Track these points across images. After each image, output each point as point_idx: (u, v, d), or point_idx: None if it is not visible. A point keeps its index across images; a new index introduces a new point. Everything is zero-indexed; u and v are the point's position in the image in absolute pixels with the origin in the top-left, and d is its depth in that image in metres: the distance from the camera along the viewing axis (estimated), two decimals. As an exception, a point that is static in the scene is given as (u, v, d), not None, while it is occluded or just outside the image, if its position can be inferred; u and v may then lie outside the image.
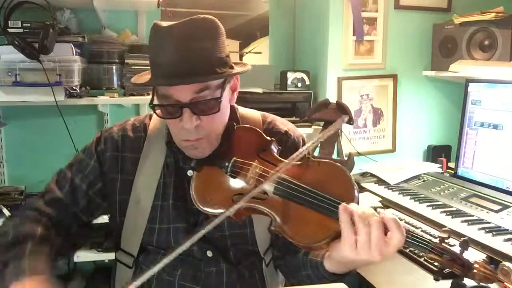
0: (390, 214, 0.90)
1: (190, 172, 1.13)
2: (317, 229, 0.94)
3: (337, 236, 0.92)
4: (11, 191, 2.00)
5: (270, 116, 1.25)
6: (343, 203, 0.90)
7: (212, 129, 1.05)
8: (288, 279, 1.26)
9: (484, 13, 2.14)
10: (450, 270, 0.90)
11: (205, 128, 1.03)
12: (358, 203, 0.93)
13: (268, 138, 1.10)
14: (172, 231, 1.12)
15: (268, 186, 0.99)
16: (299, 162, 1.03)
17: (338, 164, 1.01)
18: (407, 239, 0.89)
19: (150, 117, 1.21)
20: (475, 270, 0.88)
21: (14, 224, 1.07)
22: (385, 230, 0.87)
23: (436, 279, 0.90)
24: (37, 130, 2.17)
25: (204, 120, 1.01)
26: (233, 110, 1.16)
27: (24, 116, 2.14)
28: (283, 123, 1.23)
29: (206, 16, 1.00)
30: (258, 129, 1.13)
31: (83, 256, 2.05)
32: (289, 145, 1.19)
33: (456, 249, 0.91)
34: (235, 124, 1.13)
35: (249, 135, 1.12)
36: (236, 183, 1.04)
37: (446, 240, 0.90)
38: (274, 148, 1.08)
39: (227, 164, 1.04)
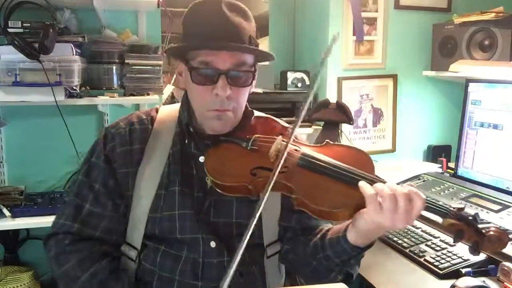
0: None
1: (202, 158, 1.14)
2: (339, 196, 0.99)
3: (358, 205, 0.97)
4: (11, 191, 2.00)
5: (278, 120, 1.28)
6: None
7: (239, 102, 1.11)
8: (298, 272, 1.26)
9: (484, 13, 2.14)
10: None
11: (234, 100, 1.08)
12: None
13: (285, 125, 1.18)
14: (177, 217, 1.12)
15: (292, 158, 1.05)
16: (320, 145, 1.12)
17: (357, 147, 1.12)
18: (428, 205, 0.97)
19: (157, 110, 1.24)
20: (491, 233, 0.94)
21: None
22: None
23: (455, 241, 0.97)
24: (37, 130, 2.16)
25: (235, 91, 1.07)
26: (246, 105, 1.19)
27: (24, 116, 2.14)
28: (290, 127, 1.26)
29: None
30: (274, 118, 1.22)
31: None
32: None
33: None
34: (253, 112, 1.20)
35: (267, 121, 1.20)
36: (256, 157, 1.07)
37: (461, 211, 0.98)
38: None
39: (247, 140, 1.10)
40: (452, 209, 0.98)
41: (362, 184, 0.96)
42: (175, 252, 1.13)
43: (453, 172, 2.05)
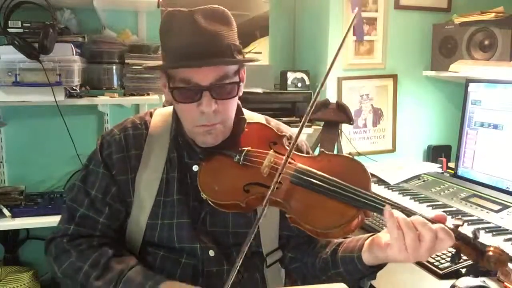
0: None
1: (195, 167, 1.12)
2: (334, 215, 0.95)
3: (353, 222, 0.94)
4: (11, 191, 2.00)
5: (274, 120, 1.26)
6: (387, 208, 0.91)
7: (227, 114, 1.07)
8: (304, 281, 1.23)
9: (484, 13, 2.14)
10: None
11: (221, 113, 1.04)
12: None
13: (279, 133, 1.13)
14: (175, 226, 1.11)
15: (285, 175, 1.00)
16: (315, 155, 1.07)
17: (353, 157, 1.06)
18: None
19: (151, 114, 1.21)
20: (490, 253, 0.88)
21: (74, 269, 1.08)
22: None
23: (453, 262, 0.93)
24: (37, 130, 2.17)
25: (221, 104, 1.03)
26: (239, 107, 1.16)
27: (24, 116, 2.14)
28: (287, 128, 1.24)
29: (218, 6, 1.04)
30: (268, 125, 1.16)
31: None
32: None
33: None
34: (245, 119, 1.15)
35: (260, 129, 1.15)
36: (248, 173, 1.04)
37: (460, 227, 0.93)
38: (285, 142, 1.10)
39: (239, 153, 1.06)
40: (450, 226, 0.92)
41: (391, 232, 0.90)
42: (174, 257, 1.12)
43: (453, 172, 2.05)
